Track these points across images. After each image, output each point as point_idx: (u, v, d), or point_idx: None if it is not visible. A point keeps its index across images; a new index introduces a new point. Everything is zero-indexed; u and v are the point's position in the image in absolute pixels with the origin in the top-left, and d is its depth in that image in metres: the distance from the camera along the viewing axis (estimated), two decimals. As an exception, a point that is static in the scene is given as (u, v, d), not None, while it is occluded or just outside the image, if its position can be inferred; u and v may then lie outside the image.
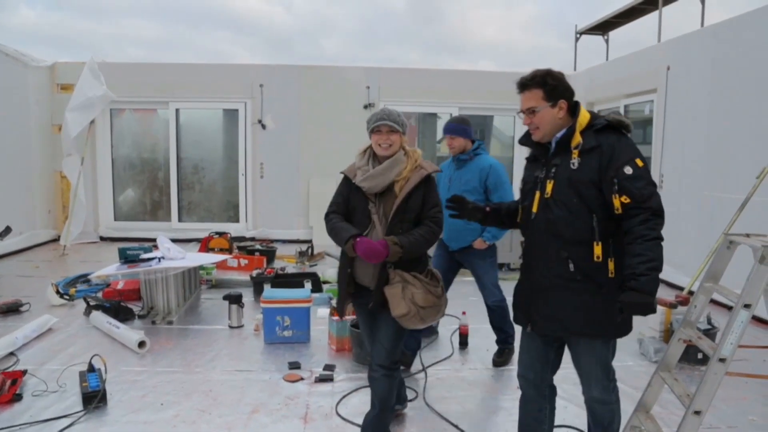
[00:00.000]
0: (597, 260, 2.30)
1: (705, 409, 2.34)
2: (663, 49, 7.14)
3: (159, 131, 9.57)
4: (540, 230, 2.43)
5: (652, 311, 2.20)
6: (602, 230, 2.30)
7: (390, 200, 2.76)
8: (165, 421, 3.28)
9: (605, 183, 2.28)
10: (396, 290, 2.69)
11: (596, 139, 2.31)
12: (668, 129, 6.82)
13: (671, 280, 6.52)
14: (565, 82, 2.40)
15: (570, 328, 2.44)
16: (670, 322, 4.41)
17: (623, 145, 2.30)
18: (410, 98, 9.45)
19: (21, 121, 8.16)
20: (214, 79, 9.04)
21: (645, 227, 2.22)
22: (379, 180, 2.76)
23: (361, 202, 2.80)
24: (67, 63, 8.99)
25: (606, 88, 8.33)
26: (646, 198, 2.24)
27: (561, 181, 2.36)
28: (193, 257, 5.54)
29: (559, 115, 2.38)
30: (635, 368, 4.14)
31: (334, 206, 2.89)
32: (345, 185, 2.89)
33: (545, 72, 2.39)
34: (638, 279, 2.16)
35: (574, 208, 2.32)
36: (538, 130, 2.42)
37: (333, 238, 2.81)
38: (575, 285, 2.35)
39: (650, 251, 2.19)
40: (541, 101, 2.37)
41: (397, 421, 3.32)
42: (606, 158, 2.27)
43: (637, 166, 2.26)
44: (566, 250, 2.35)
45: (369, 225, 2.76)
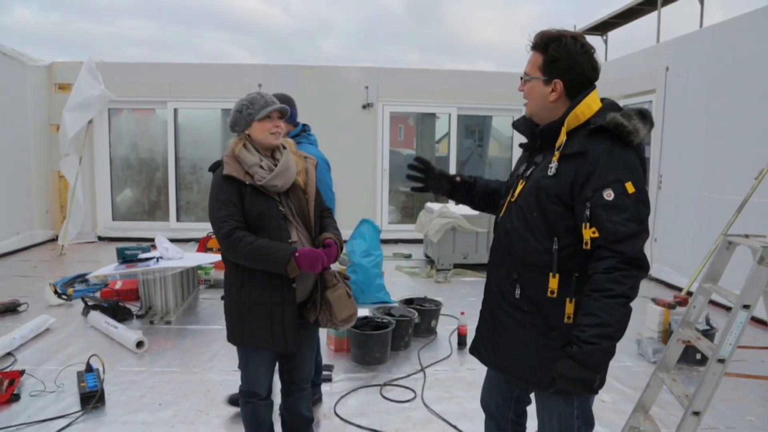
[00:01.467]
0: (551, 295, 1.79)
1: (703, 409, 2.34)
2: (662, 49, 7.14)
3: (157, 131, 9.54)
4: (498, 239, 2.00)
5: (592, 391, 1.77)
6: (565, 260, 1.77)
7: (298, 197, 2.43)
8: (163, 422, 3.27)
9: (577, 204, 1.74)
10: (340, 291, 2.45)
11: (584, 144, 1.74)
12: (667, 130, 6.83)
13: (669, 280, 6.54)
14: (576, 58, 1.80)
15: (508, 371, 1.97)
16: (668, 322, 4.41)
17: (615, 159, 1.70)
18: (409, 98, 9.45)
19: (18, 121, 8.13)
20: (213, 79, 9.04)
21: (608, 278, 1.65)
22: (288, 175, 2.38)
23: (267, 204, 2.34)
24: (65, 63, 8.96)
25: (604, 88, 8.19)
26: (621, 238, 1.66)
27: (529, 186, 1.86)
28: (191, 257, 5.53)
29: (551, 97, 1.84)
30: (634, 369, 4.14)
31: (232, 220, 2.28)
32: (233, 190, 2.32)
33: (556, 36, 1.82)
34: (581, 347, 1.65)
35: (533, 224, 1.82)
36: (527, 103, 1.93)
37: (253, 262, 2.27)
38: (521, 316, 1.87)
39: (605, 313, 1.63)
40: (536, 70, 1.85)
41: (394, 421, 3.31)
42: (586, 172, 1.72)
43: (623, 191, 1.68)
44: (517, 271, 1.87)
45: (288, 230, 2.37)
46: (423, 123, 10.35)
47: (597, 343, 1.64)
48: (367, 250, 5.62)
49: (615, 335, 1.66)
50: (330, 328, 2.52)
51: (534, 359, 1.85)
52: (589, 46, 1.84)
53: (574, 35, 1.84)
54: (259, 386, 2.53)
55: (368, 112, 9.36)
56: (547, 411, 1.95)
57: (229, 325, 2.47)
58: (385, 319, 4.37)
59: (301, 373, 2.61)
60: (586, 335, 1.65)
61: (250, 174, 2.34)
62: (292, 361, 2.57)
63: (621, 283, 1.64)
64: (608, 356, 1.68)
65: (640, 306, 5.56)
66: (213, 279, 6.36)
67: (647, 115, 1.79)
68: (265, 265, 2.27)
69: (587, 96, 1.82)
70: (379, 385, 3.80)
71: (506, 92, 6.19)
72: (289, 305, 2.35)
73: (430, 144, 10.44)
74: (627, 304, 1.66)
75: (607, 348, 1.66)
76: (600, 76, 1.88)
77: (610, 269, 1.65)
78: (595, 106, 1.82)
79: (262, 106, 2.37)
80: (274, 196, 2.37)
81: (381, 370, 4.07)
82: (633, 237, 1.67)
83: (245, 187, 2.33)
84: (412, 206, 9.94)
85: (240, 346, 2.50)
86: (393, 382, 3.86)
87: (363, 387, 3.78)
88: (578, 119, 1.80)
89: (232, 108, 2.44)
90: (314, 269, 2.29)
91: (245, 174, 2.34)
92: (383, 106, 9.45)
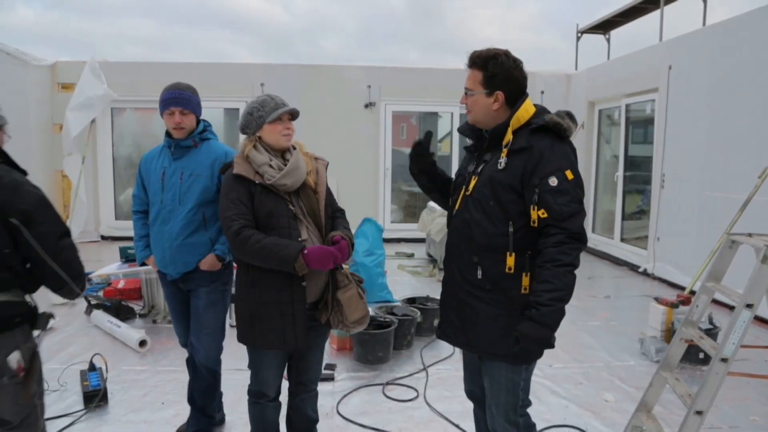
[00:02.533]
0: (508, 271, 2.07)
1: (707, 409, 2.34)
2: (665, 48, 7.13)
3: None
4: (457, 229, 2.24)
5: (549, 346, 2.01)
6: (519, 241, 2.06)
7: (308, 196, 2.44)
8: (165, 421, 3.28)
9: (527, 191, 2.04)
10: (352, 292, 2.44)
11: (528, 140, 2.06)
12: (669, 128, 6.81)
13: (672, 279, 6.53)
14: (512, 72, 2.12)
15: (473, 343, 2.21)
16: (671, 321, 4.40)
17: (555, 152, 2.03)
18: (411, 97, 9.44)
19: (21, 120, 8.13)
20: (215, 79, 9.03)
21: (557, 250, 1.97)
22: (298, 174, 2.40)
23: (278, 204, 2.35)
24: (67, 62, 8.97)
25: (607, 87, 8.31)
26: (566, 217, 1.98)
27: (483, 180, 2.14)
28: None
29: (494, 107, 2.13)
30: (637, 368, 4.14)
31: (240, 219, 2.30)
32: (243, 189, 2.35)
33: (492, 55, 2.11)
34: (539, 309, 1.95)
35: (490, 212, 2.10)
36: (471, 113, 2.20)
37: (262, 260, 2.28)
38: (484, 295, 2.12)
39: (557, 279, 1.95)
40: (478, 85, 2.14)
41: (397, 420, 3.31)
42: (532, 164, 2.02)
43: (564, 178, 2.01)
44: (477, 255, 2.12)
45: (298, 229, 2.36)
46: (425, 122, 10.34)
47: (551, 305, 1.94)
48: (369, 249, 5.62)
49: (566, 297, 1.97)
50: (341, 330, 2.50)
51: (499, 330, 2.10)
52: (519, 61, 2.16)
53: (505, 52, 2.15)
54: (268, 387, 2.53)
55: (370, 112, 9.36)
56: (495, 384, 2.21)
57: (240, 325, 2.46)
58: (388, 318, 4.37)
59: (309, 374, 2.61)
60: (542, 299, 1.95)
61: (260, 173, 2.35)
62: (301, 361, 2.57)
63: (568, 254, 1.97)
64: (561, 315, 1.99)
65: (643, 305, 5.58)
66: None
67: (573, 117, 2.14)
68: (274, 263, 2.25)
69: (524, 102, 2.14)
70: (382, 384, 3.80)
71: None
72: (299, 304, 2.35)
73: (433, 143, 10.41)
74: (573, 271, 1.98)
75: (560, 309, 1.97)
76: (603, 75, 1.98)
77: (558, 243, 1.97)
78: (531, 110, 2.14)
79: (273, 108, 2.38)
80: (284, 195, 2.37)
81: (383, 369, 4.07)
82: (575, 215, 2.00)
83: (255, 186, 2.34)
84: (414, 205, 9.94)
85: (251, 346, 2.49)
86: (395, 381, 3.86)
87: (365, 386, 3.78)
88: (519, 121, 2.10)
89: (242, 110, 2.44)
90: (324, 266, 2.28)
91: (255, 173, 2.35)
92: (385, 105, 9.44)
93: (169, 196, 2.83)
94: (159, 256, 2.93)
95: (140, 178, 3.02)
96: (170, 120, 2.84)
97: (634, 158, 8.20)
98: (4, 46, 7.92)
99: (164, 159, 2.91)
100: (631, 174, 8.17)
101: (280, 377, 2.58)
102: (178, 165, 2.86)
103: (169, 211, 2.83)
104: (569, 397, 3.64)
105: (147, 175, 2.96)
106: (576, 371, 4.07)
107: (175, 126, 2.82)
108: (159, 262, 2.95)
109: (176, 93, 2.83)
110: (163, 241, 2.87)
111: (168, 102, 2.82)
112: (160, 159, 2.93)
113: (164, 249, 2.87)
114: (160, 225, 2.87)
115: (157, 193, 2.88)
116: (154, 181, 2.89)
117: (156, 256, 2.95)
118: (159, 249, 2.90)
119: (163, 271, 2.98)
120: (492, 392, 2.22)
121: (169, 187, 2.84)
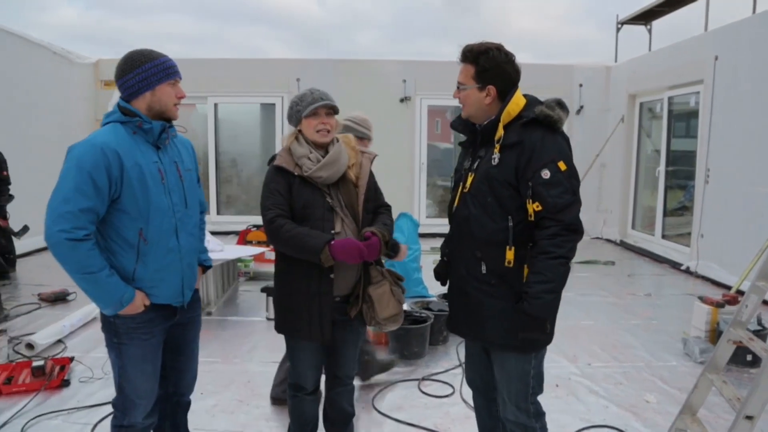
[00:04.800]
0: (508, 265, 2.08)
1: (758, 414, 2.25)
2: (710, 38, 6.89)
3: (198, 126, 9.73)
4: (458, 226, 2.25)
5: (544, 340, 2.07)
6: (519, 234, 2.07)
7: (348, 189, 2.43)
8: (204, 410, 3.33)
9: (522, 185, 2.04)
10: (384, 289, 2.42)
11: (520, 135, 2.05)
12: (715, 122, 6.59)
13: (716, 278, 6.33)
14: (504, 66, 2.11)
15: (483, 336, 2.23)
16: (716, 321, 4.27)
17: (547, 144, 2.02)
18: (446, 91, 9.33)
19: (66, 116, 8.39)
20: (252, 74, 9.13)
21: (551, 243, 1.98)
22: (336, 168, 2.38)
23: (314, 195, 2.36)
24: (109, 60, 9.18)
25: (649, 80, 8.09)
26: (560, 209, 1.99)
27: (480, 177, 2.14)
28: (231, 250, 5.62)
29: (486, 101, 2.13)
30: (679, 368, 4.03)
31: (276, 208, 2.31)
32: (282, 180, 2.36)
33: (484, 49, 2.11)
34: (530, 302, 1.99)
35: (489, 207, 2.10)
36: (464, 108, 2.21)
37: (292, 249, 2.29)
38: (489, 289, 2.14)
39: (549, 271, 1.98)
40: (470, 80, 2.14)
41: (433, 416, 3.30)
42: (525, 157, 2.02)
43: (557, 169, 2.00)
44: (480, 250, 2.14)
45: (332, 221, 2.36)
46: (460, 116, 10.25)
47: (542, 297, 1.98)
48: (405, 244, 5.59)
49: (557, 289, 2.00)
50: (374, 327, 2.50)
51: (506, 322, 2.10)
52: (511, 55, 2.15)
53: (497, 46, 2.13)
54: (304, 380, 2.54)
55: (406, 106, 9.32)
56: (506, 373, 2.22)
57: (276, 314, 2.52)
58: (424, 313, 4.35)
59: (343, 368, 2.61)
60: (535, 290, 1.99)
61: (299, 165, 2.37)
62: (335, 355, 2.57)
63: (561, 246, 1.98)
64: (552, 308, 2.03)
65: (685, 304, 5.43)
66: (252, 271, 6.46)
67: (564, 105, 2.13)
68: (301, 253, 2.28)
69: (514, 95, 2.12)
70: (418, 380, 3.79)
71: (543, 84, 6.05)
72: (326, 296, 2.34)
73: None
74: (566, 263, 2.01)
75: (551, 301, 2.00)
76: (644, 67, 1.93)
77: (552, 235, 1.99)
78: (521, 102, 2.12)
79: (309, 103, 2.38)
80: (322, 187, 2.38)
81: (419, 364, 4.06)
82: (569, 206, 2.01)
83: (294, 178, 2.36)
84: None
85: (285, 335, 2.53)
86: (431, 377, 3.85)
87: (401, 381, 3.78)
88: (510, 115, 2.09)
89: (278, 105, 2.44)
90: (350, 260, 2.25)
91: (294, 165, 2.38)
92: (421, 99, 9.40)
93: (176, 198, 2.22)
94: (174, 283, 2.24)
95: (105, 181, 2.02)
96: (173, 92, 2.22)
97: (676, 153, 7.97)
98: (51, 45, 8.18)
99: (146, 150, 2.15)
100: (673, 169, 7.94)
101: (318, 371, 2.58)
102: (169, 158, 2.25)
103: (179, 219, 2.22)
104: (609, 397, 3.56)
105: (132, 175, 2.07)
106: (616, 370, 3.98)
107: (178, 101, 2.25)
108: (169, 291, 2.23)
109: (173, 61, 2.23)
110: (180, 260, 2.25)
111: (173, 68, 2.22)
112: (139, 150, 2.13)
113: (183, 270, 2.27)
114: (173, 239, 2.21)
115: (159, 196, 2.15)
116: (152, 181, 2.13)
117: (166, 285, 2.22)
118: (174, 273, 2.23)
119: (173, 303, 2.26)
120: (503, 381, 2.24)
121: (174, 188, 2.22)
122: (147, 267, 2.15)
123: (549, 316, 2.04)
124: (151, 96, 2.16)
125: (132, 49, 2.21)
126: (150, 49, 2.20)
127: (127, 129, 2.14)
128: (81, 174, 2.00)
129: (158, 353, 2.29)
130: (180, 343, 2.42)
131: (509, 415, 2.24)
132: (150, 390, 2.29)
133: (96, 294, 2.09)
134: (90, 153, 2.04)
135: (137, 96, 2.16)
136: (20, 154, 7.25)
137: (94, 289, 2.07)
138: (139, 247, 2.12)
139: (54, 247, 1.98)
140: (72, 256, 1.99)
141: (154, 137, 2.17)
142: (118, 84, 2.19)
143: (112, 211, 2.08)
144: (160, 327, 2.26)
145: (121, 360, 2.21)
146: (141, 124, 2.14)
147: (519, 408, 2.22)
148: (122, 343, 2.19)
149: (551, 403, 3.41)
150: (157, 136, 2.18)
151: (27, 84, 7.61)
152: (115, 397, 2.31)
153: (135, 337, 2.18)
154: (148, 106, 2.17)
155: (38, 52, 7.94)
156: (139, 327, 2.18)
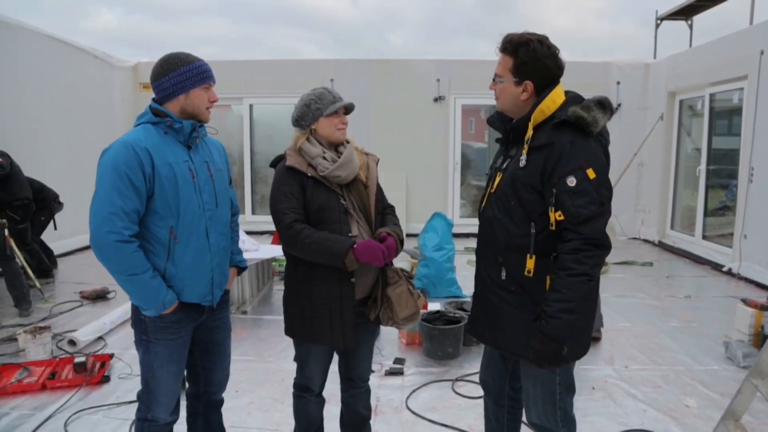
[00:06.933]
0: (527, 275, 1.96)
1: (804, 420, 2.17)
2: (756, 32, 6.66)
3: (233, 126, 9.88)
4: (483, 227, 2.15)
5: (561, 360, 1.91)
6: (542, 242, 1.94)
7: (359, 191, 2.39)
8: (240, 408, 3.38)
9: (546, 191, 1.90)
10: (402, 289, 2.39)
11: (549, 136, 1.91)
12: (760, 119, 6.37)
13: (760, 280, 6.13)
14: (545, 60, 1.96)
15: (500, 344, 2.14)
16: (761, 325, 4.13)
17: (577, 149, 1.87)
18: (480, 91, 9.26)
19: (108, 118, 8.63)
20: (286, 75, 9.24)
21: (572, 258, 1.84)
22: (352, 167, 2.34)
23: (329, 197, 2.30)
24: (148, 63, 9.42)
25: (690, 76, 7.87)
26: (583, 220, 1.84)
27: (506, 178, 2.02)
28: (266, 249, 5.68)
29: (522, 96, 2.00)
30: (721, 373, 3.91)
31: (292, 212, 2.25)
32: (294, 182, 2.29)
33: (524, 41, 1.97)
34: (548, 321, 1.85)
35: (512, 211, 1.99)
36: (499, 100, 2.10)
37: (313, 255, 2.23)
38: (508, 296, 2.03)
39: (569, 289, 1.83)
40: (508, 72, 2.01)
41: (467, 417, 3.28)
42: (552, 162, 1.88)
43: (585, 177, 1.85)
44: (501, 255, 2.03)
45: (348, 224, 2.32)
46: (494, 115, 10.16)
47: (559, 317, 1.84)
48: (439, 244, 5.58)
49: (576, 309, 1.84)
50: (392, 327, 2.49)
51: (525, 334, 1.97)
52: (554, 48, 1.99)
53: (539, 38, 1.97)
54: (313, 382, 2.53)
55: (440, 105, 9.29)
56: (531, 378, 2.12)
57: (288, 318, 2.46)
58: (458, 313, 4.33)
59: (358, 370, 2.59)
60: (551, 309, 1.85)
61: (313, 165, 2.31)
62: (350, 358, 2.56)
63: (583, 263, 1.83)
64: (571, 329, 1.86)
65: (727, 306, 5.27)
66: (286, 271, 6.52)
67: (606, 105, 1.94)
68: (324, 258, 2.22)
69: (551, 92, 1.96)
70: (451, 380, 3.78)
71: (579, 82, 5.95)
72: (347, 300, 2.31)
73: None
74: (588, 281, 1.85)
75: (569, 322, 1.84)
76: (685, 63, 1.84)
77: (574, 250, 1.84)
78: (559, 100, 1.97)
79: (331, 101, 2.36)
80: (336, 188, 2.33)
81: (453, 365, 4.04)
82: (593, 218, 1.84)
83: (307, 179, 2.30)
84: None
85: (299, 340, 2.48)
86: (465, 378, 3.83)
87: (435, 381, 3.77)
88: (543, 114, 1.95)
89: (296, 102, 2.42)
90: (374, 261, 2.24)
91: (308, 166, 2.31)
92: (455, 99, 9.35)
93: (206, 197, 2.25)
94: (203, 281, 2.27)
95: (140, 179, 2.06)
96: (206, 96, 2.27)
97: (717, 151, 7.74)
98: (93, 50, 8.44)
99: (176, 149, 2.19)
100: (714, 168, 7.72)
101: (326, 373, 2.57)
102: (200, 157, 2.29)
103: (209, 218, 2.25)
104: (647, 401, 3.48)
105: (163, 173, 2.10)
106: (654, 374, 3.89)
107: (210, 105, 2.31)
108: (199, 290, 2.26)
109: (208, 65, 2.28)
110: (211, 259, 2.28)
111: (208, 73, 2.26)
112: (170, 149, 2.16)
113: (213, 269, 2.29)
114: (203, 238, 2.24)
115: (189, 195, 2.18)
116: (183, 180, 2.16)
117: (196, 283, 2.24)
118: (204, 271, 2.26)
119: (201, 302, 2.29)
120: (528, 386, 2.16)
121: (204, 187, 2.25)
122: (177, 265, 2.17)
123: (566, 338, 1.88)
124: (185, 99, 2.20)
125: (169, 52, 2.25)
126: (186, 53, 2.23)
127: (158, 129, 2.17)
128: (118, 174, 2.03)
129: (183, 353, 2.33)
130: (209, 345, 2.45)
131: (534, 419, 2.17)
132: (174, 389, 2.34)
133: (139, 295, 2.12)
134: (122, 153, 2.06)
135: (171, 99, 2.19)
136: (70, 158, 7.53)
137: (138, 291, 2.10)
138: (170, 245, 2.14)
139: (100, 248, 2.02)
140: (118, 257, 2.02)
141: (185, 136, 2.20)
142: (153, 86, 2.22)
143: (144, 209, 2.12)
144: (188, 327, 2.29)
145: (148, 357, 2.26)
146: (172, 124, 2.17)
147: (545, 414, 2.14)
148: (150, 341, 2.23)
149: (588, 406, 3.36)
150: (188, 135, 2.21)
151: (73, 88, 7.87)
152: (140, 390, 2.37)
153: (162, 337, 2.22)
154: (181, 108, 2.20)
155: (82, 57, 8.19)
156: (167, 327, 2.21)
